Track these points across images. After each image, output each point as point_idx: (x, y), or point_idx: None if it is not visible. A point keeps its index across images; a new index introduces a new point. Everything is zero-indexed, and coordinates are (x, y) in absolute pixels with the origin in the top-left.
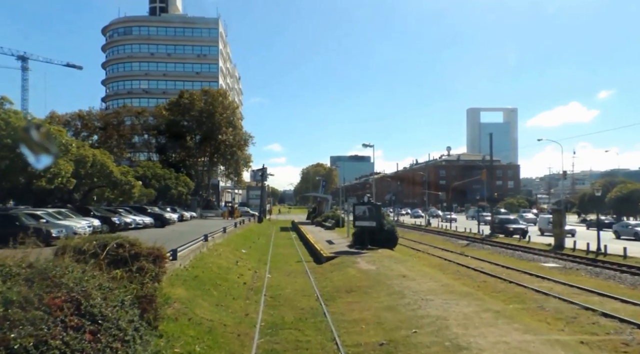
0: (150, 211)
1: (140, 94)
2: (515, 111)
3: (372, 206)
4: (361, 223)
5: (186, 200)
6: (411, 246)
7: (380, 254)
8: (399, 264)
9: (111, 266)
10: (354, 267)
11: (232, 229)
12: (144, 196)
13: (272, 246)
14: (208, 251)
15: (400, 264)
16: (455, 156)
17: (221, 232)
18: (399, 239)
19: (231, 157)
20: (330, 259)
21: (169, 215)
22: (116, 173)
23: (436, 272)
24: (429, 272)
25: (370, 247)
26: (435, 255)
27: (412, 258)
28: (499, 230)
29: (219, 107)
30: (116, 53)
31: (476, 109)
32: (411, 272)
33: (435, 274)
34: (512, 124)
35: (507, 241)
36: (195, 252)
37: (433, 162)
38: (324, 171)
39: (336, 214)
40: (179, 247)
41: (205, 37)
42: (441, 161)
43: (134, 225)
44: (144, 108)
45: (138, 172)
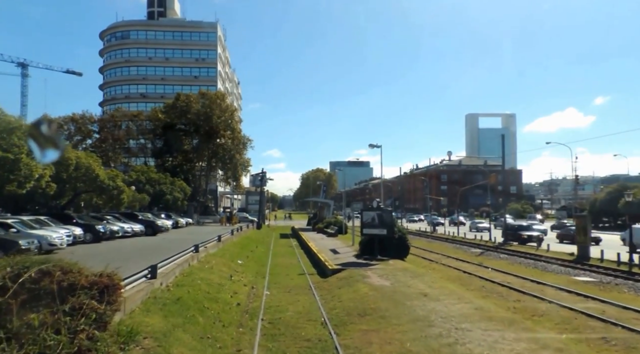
0: (141, 217)
1: (138, 98)
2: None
3: (382, 211)
4: (370, 231)
5: (182, 206)
6: (422, 256)
7: (392, 267)
8: (415, 278)
9: (30, 305)
10: (365, 282)
11: (228, 237)
12: (137, 201)
13: (271, 256)
14: (199, 264)
15: (418, 279)
16: (456, 161)
17: (215, 241)
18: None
19: (229, 161)
20: (336, 272)
21: (162, 222)
22: (103, 177)
23: (460, 288)
24: (452, 289)
25: (380, 257)
26: (452, 266)
27: (428, 271)
28: (512, 237)
29: (216, 109)
30: (114, 57)
31: (475, 115)
32: (432, 289)
33: (460, 291)
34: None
35: (523, 249)
36: (182, 267)
37: (434, 167)
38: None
39: (338, 220)
40: (161, 262)
41: (203, 41)
42: (442, 165)
43: (122, 233)
44: (140, 111)
45: (131, 177)
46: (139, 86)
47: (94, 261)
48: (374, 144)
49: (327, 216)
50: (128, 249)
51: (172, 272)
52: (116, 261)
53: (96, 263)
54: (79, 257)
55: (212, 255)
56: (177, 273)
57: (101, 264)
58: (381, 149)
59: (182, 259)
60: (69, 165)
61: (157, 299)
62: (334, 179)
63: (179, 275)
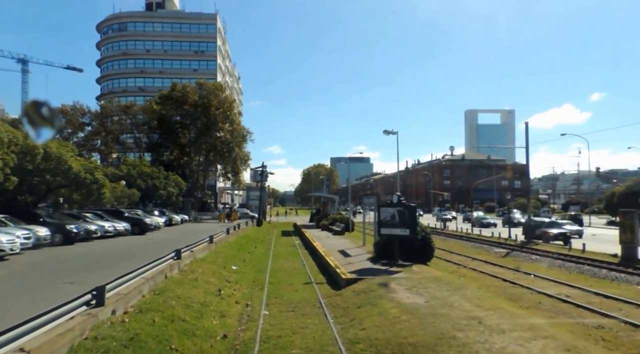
0: (127, 215)
1: (135, 92)
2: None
3: (404, 207)
4: (389, 231)
5: (178, 202)
6: (444, 258)
7: (420, 275)
8: (455, 293)
9: None
10: (392, 299)
11: (222, 237)
12: (125, 197)
13: (271, 258)
14: (180, 274)
15: (458, 294)
16: (459, 156)
17: (206, 243)
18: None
19: (228, 155)
20: (351, 282)
21: (151, 220)
22: (77, 169)
23: (518, 309)
24: (508, 310)
25: (401, 262)
26: (485, 272)
27: (464, 280)
28: (535, 235)
29: (214, 100)
30: (111, 50)
31: (474, 111)
32: (483, 310)
33: (520, 312)
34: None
35: (553, 249)
36: (154, 282)
37: (437, 162)
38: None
39: (344, 216)
40: (119, 278)
41: (202, 33)
42: (445, 160)
43: (102, 233)
44: (133, 103)
45: (122, 171)
46: (137, 79)
47: (39, 273)
48: (389, 131)
49: (332, 212)
50: (99, 254)
51: (137, 290)
52: (72, 272)
53: (38, 277)
54: (22, 266)
55: (199, 261)
56: (144, 291)
57: (45, 277)
58: (397, 135)
59: (156, 270)
60: (35, 155)
61: (96, 342)
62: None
63: (147, 294)
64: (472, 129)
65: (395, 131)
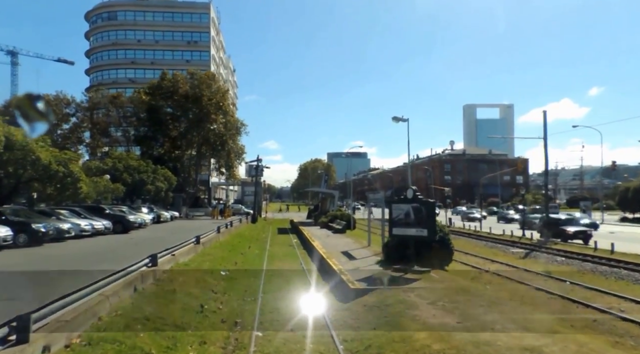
0: (109, 211)
1: (126, 83)
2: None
3: (420, 204)
4: (403, 231)
5: (167, 197)
6: (460, 260)
7: (442, 284)
8: (491, 309)
9: None
10: (414, 317)
11: (212, 236)
12: (109, 192)
13: (266, 260)
14: (156, 284)
15: (494, 310)
16: (460, 150)
17: (193, 244)
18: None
19: (222, 148)
20: (361, 293)
21: (136, 217)
22: (46, 160)
23: (565, 327)
24: (563, 332)
25: (417, 268)
26: (512, 278)
27: (489, 288)
28: (551, 233)
29: (206, 91)
30: (100, 40)
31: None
32: (534, 334)
33: (580, 337)
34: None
35: (574, 248)
36: (116, 298)
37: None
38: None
39: (345, 213)
40: (65, 297)
41: (195, 23)
42: (445, 155)
43: (77, 232)
44: (120, 93)
45: (107, 165)
46: (127, 71)
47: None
48: (399, 118)
49: (331, 209)
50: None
51: (90, 312)
52: (11, 286)
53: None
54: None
55: (181, 266)
56: (102, 312)
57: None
58: (408, 123)
59: (122, 282)
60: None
61: None
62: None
63: (104, 317)
64: (470, 124)
65: (405, 118)
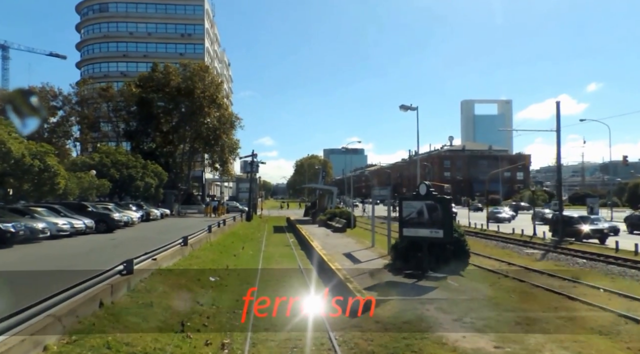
0: (91, 209)
1: (118, 77)
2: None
3: (434, 201)
4: (415, 232)
5: (158, 194)
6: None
7: (464, 294)
8: (530, 327)
9: None
10: (440, 339)
11: (203, 236)
12: (93, 189)
13: (261, 262)
14: (130, 296)
15: (534, 327)
16: (459, 146)
17: (179, 246)
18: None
19: (215, 143)
20: (371, 305)
21: (121, 215)
22: (18, 153)
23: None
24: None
25: (431, 273)
26: (536, 284)
27: (514, 298)
28: (567, 232)
29: (199, 83)
30: (91, 32)
31: (470, 101)
32: None
33: None
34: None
35: (593, 249)
36: (73, 318)
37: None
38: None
39: (345, 211)
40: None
41: (189, 15)
42: (444, 151)
43: (53, 232)
44: (110, 85)
45: (94, 159)
46: (119, 64)
47: None
48: (408, 106)
49: (330, 206)
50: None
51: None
52: None
53: None
54: None
55: (163, 273)
56: (49, 340)
57: None
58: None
59: (83, 296)
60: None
61: None
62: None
63: (53, 344)
64: (468, 120)
65: (414, 107)
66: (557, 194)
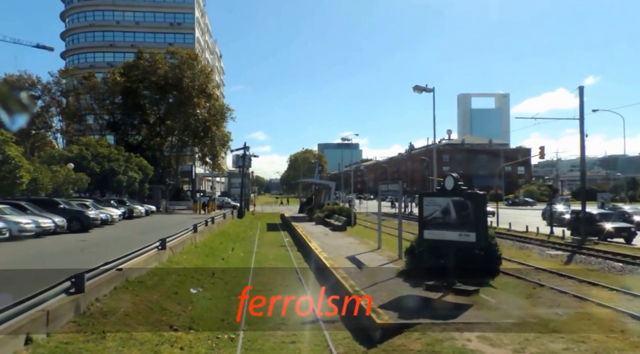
0: (63, 206)
1: (104, 67)
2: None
3: (465, 197)
4: (440, 235)
5: (143, 189)
6: None
7: (509, 317)
8: None
9: None
10: None
11: (186, 237)
12: (70, 183)
13: (253, 267)
14: (76, 323)
15: None
16: (459, 140)
17: (156, 250)
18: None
19: (205, 136)
20: (391, 332)
21: (98, 212)
22: None
23: None
24: None
25: (459, 286)
26: (584, 297)
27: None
28: (589, 231)
29: (187, 71)
30: (76, 21)
31: (467, 95)
32: None
33: None
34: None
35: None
36: None
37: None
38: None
39: (344, 207)
40: None
41: (179, 3)
42: (443, 145)
43: (14, 233)
44: (92, 73)
45: (72, 152)
46: (106, 54)
47: None
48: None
49: (327, 202)
50: None
51: None
52: None
53: None
54: None
55: (131, 287)
56: None
57: None
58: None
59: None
60: None
61: None
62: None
63: None
64: (465, 114)
65: (430, 88)
66: (581, 187)
